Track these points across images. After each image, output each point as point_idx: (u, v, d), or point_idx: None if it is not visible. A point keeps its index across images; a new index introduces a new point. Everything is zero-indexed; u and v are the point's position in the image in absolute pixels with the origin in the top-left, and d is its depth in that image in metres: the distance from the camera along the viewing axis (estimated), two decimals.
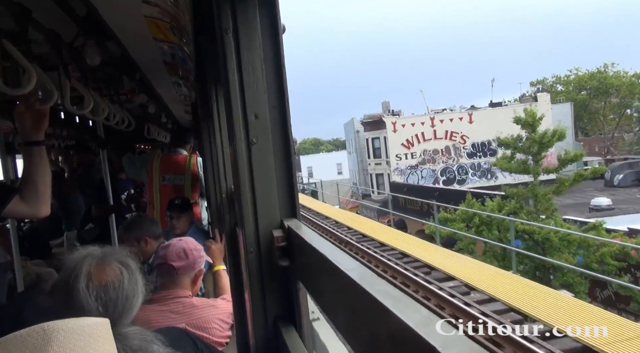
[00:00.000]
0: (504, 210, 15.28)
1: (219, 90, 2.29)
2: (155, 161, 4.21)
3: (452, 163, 34.30)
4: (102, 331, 0.77)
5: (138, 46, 2.84)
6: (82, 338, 0.71)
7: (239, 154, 1.21)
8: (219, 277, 2.68)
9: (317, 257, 0.92)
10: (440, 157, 34.21)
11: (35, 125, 1.67)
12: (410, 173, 33.74)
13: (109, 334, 0.78)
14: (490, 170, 32.99)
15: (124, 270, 1.33)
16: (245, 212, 1.22)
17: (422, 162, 34.06)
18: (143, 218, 3.18)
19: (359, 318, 0.73)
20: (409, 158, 34.05)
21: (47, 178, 1.69)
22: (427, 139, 34.15)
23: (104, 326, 0.78)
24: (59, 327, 0.71)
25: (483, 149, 34.33)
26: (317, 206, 21.30)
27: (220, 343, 2.14)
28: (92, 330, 0.75)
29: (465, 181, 33.93)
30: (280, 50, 1.20)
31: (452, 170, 34.30)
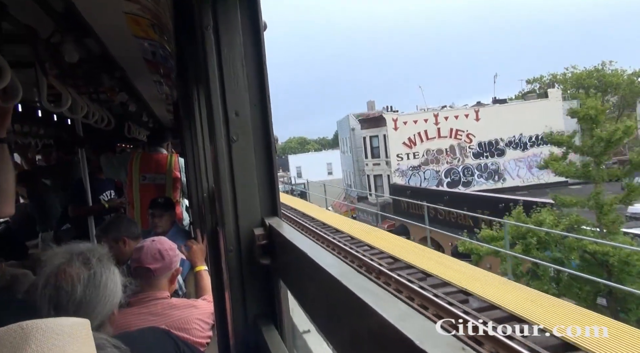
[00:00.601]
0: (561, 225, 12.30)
1: (200, 88, 2.27)
2: (135, 160, 4.15)
3: (457, 163, 31.72)
4: (82, 331, 0.76)
5: (118, 43, 2.80)
6: (61, 338, 0.70)
7: (219, 151, 1.20)
8: (200, 278, 2.66)
9: (297, 254, 0.92)
10: (445, 157, 31.67)
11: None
12: (412, 174, 31.28)
13: (88, 335, 0.77)
14: (497, 172, 31.62)
15: (84, 274, 1.30)
16: (226, 210, 1.21)
17: (425, 163, 31.55)
18: (121, 219, 3.13)
19: (339, 315, 0.73)
20: (411, 158, 31.47)
21: (9, 176, 1.64)
22: (431, 138, 31.47)
23: (84, 326, 0.77)
24: (37, 326, 0.70)
25: (490, 148, 31.96)
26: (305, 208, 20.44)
27: (201, 343, 2.12)
28: (72, 329, 0.74)
29: (471, 183, 31.56)
30: (261, 47, 1.20)
31: (457, 171, 31.78)
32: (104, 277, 1.35)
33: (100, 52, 2.89)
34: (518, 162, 31.60)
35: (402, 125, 31.32)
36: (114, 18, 2.27)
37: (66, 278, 1.29)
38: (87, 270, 1.33)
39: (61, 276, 1.30)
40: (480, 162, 31.88)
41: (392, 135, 31.31)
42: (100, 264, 1.37)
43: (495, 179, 31.67)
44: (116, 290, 1.39)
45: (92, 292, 1.30)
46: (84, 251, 1.39)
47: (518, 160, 31.58)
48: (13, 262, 3.79)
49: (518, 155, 31.63)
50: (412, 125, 31.40)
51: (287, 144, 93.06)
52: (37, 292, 1.29)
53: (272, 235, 1.14)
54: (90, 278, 1.32)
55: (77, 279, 1.30)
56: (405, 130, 31.35)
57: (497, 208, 16.56)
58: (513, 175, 31.64)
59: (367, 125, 33.65)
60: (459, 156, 31.72)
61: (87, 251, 1.39)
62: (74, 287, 1.28)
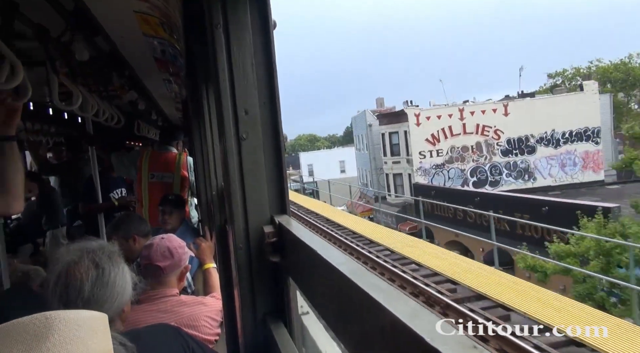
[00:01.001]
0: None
1: (210, 86, 2.28)
2: (144, 158, 4.18)
3: (484, 162, 29.04)
4: (101, 325, 0.78)
5: (128, 42, 2.82)
6: (82, 330, 0.73)
7: (229, 150, 1.20)
8: (209, 275, 2.67)
9: (307, 252, 0.92)
10: (471, 154, 28.96)
11: (7, 121, 1.62)
12: (435, 173, 28.60)
13: (106, 328, 0.80)
14: (527, 170, 28.93)
15: (92, 272, 1.32)
16: (235, 208, 1.21)
17: (449, 161, 28.84)
18: (131, 217, 3.15)
19: (349, 313, 0.73)
20: (434, 156, 28.72)
21: (19, 174, 1.65)
22: (456, 134, 28.74)
23: (102, 320, 0.80)
24: (61, 317, 0.72)
25: (520, 145, 29.22)
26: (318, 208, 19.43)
27: (210, 340, 2.13)
28: (92, 322, 0.76)
29: (498, 183, 28.92)
30: (271, 46, 1.20)
31: (483, 170, 29.08)
32: (112, 274, 1.36)
33: (110, 51, 2.92)
34: (550, 160, 29.04)
35: (424, 121, 28.67)
36: (123, 17, 2.29)
37: (75, 276, 1.31)
38: (96, 268, 1.34)
39: (71, 273, 1.32)
40: (508, 160, 29.21)
41: (415, 131, 28.67)
42: (109, 262, 1.38)
43: (525, 178, 29.02)
44: (125, 288, 1.40)
45: (101, 290, 1.32)
46: (95, 249, 1.40)
47: (550, 158, 29.03)
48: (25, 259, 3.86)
49: (550, 152, 29.10)
50: (436, 120, 28.72)
51: (296, 141, 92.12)
52: (48, 289, 1.31)
53: (281, 233, 1.14)
54: (99, 276, 1.33)
55: (86, 277, 1.31)
56: (429, 126, 28.69)
57: (539, 213, 14.84)
58: (544, 174, 29.12)
59: (387, 121, 31.20)
60: (486, 154, 29.19)
61: (98, 249, 1.41)
62: (83, 284, 1.30)
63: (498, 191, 25.81)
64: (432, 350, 0.45)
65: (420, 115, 28.82)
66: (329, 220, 16.36)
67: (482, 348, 0.43)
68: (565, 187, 27.61)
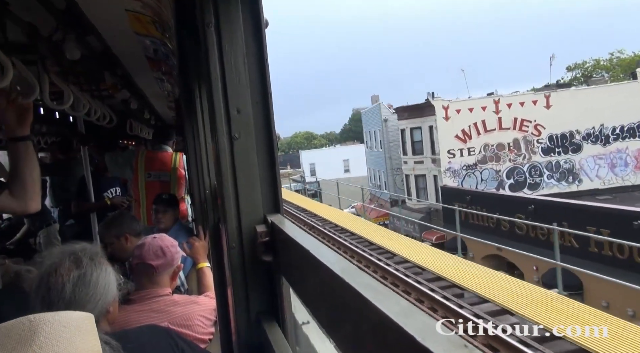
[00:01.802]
0: None
1: (202, 85, 2.28)
2: (140, 158, 4.16)
3: (522, 161, 24.91)
4: (88, 325, 0.78)
5: (119, 40, 2.80)
6: (69, 331, 0.72)
7: (221, 149, 1.20)
8: (203, 275, 2.66)
9: (300, 251, 0.92)
10: (507, 153, 24.78)
11: (20, 121, 1.65)
12: (466, 174, 24.47)
13: (93, 328, 0.79)
14: (572, 171, 24.86)
15: (74, 274, 1.32)
16: (228, 207, 1.21)
17: (482, 160, 24.68)
18: (124, 216, 3.14)
19: (341, 311, 0.73)
20: (465, 154, 24.49)
21: (35, 173, 1.67)
22: (490, 130, 24.59)
23: (89, 320, 0.80)
24: (45, 319, 0.72)
25: (564, 142, 24.85)
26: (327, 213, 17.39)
27: (203, 340, 2.12)
28: (78, 323, 0.76)
29: (539, 185, 24.83)
30: (263, 44, 1.20)
31: (521, 171, 24.86)
32: (94, 275, 1.37)
33: (101, 50, 2.90)
34: (598, 159, 24.88)
35: (454, 114, 24.37)
36: (115, 15, 2.27)
37: (57, 278, 1.32)
38: (77, 270, 1.35)
39: (52, 275, 1.32)
40: (550, 159, 24.88)
41: (443, 126, 24.38)
42: (91, 263, 1.38)
43: (569, 181, 24.98)
44: (109, 288, 1.40)
45: (82, 291, 1.32)
46: (76, 250, 1.40)
47: (598, 157, 24.88)
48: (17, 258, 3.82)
49: (598, 150, 24.87)
50: (467, 114, 24.39)
51: (293, 139, 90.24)
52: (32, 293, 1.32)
53: (274, 233, 1.14)
54: (80, 278, 1.34)
55: (67, 278, 1.32)
56: (459, 120, 24.36)
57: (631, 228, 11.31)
58: (591, 176, 25.00)
59: (407, 115, 26.87)
60: (525, 152, 24.91)
61: (80, 251, 1.41)
62: (64, 286, 1.31)
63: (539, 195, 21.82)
64: (423, 348, 0.45)
65: (449, 108, 24.36)
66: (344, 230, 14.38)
67: (472, 347, 0.43)
68: (616, 191, 23.82)
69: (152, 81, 4.18)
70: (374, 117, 33.77)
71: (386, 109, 31.73)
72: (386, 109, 31.71)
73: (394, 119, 29.51)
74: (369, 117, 35.51)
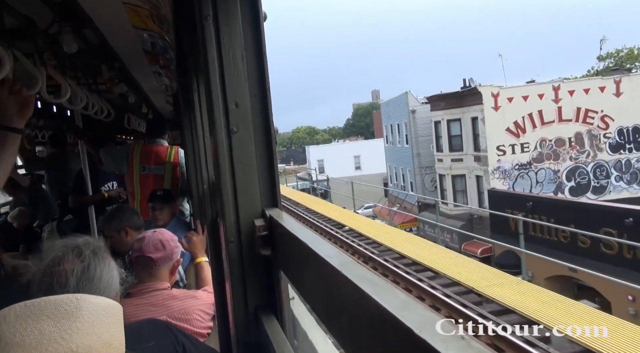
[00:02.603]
0: None
1: (200, 79, 2.27)
2: (135, 151, 4.15)
3: (586, 159, 20.98)
4: (120, 315, 0.82)
5: (117, 34, 2.78)
6: (107, 316, 0.77)
7: (219, 143, 1.20)
8: (201, 269, 2.67)
9: (298, 245, 0.92)
10: (568, 150, 20.92)
11: (20, 112, 1.64)
12: (519, 175, 20.64)
13: (121, 320, 0.83)
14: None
15: (77, 267, 1.32)
16: (226, 201, 1.21)
17: (538, 159, 20.89)
18: (124, 209, 3.13)
19: (338, 305, 0.73)
20: (518, 151, 20.72)
21: (9, 167, 1.67)
22: (547, 122, 20.65)
23: (120, 310, 0.84)
24: (90, 300, 0.77)
25: (636, 137, 21.02)
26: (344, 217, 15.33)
27: (202, 334, 2.13)
28: (114, 310, 0.81)
29: (605, 189, 20.91)
30: (261, 38, 1.19)
31: (584, 172, 20.92)
32: (98, 269, 1.36)
33: (99, 43, 2.88)
34: None
35: (505, 104, 20.51)
36: (112, 8, 2.26)
37: (60, 272, 1.31)
38: (80, 263, 1.34)
39: (56, 269, 1.32)
40: (620, 157, 20.98)
41: (492, 117, 20.42)
42: (95, 257, 1.38)
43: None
44: (112, 283, 1.40)
45: (86, 285, 1.32)
46: (79, 244, 1.40)
47: None
48: (14, 253, 3.82)
49: None
50: (521, 103, 20.56)
51: (294, 134, 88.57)
52: (34, 285, 1.31)
53: (272, 226, 1.14)
54: (84, 272, 1.33)
55: (71, 272, 1.32)
56: (511, 111, 20.54)
57: None
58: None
59: (444, 104, 22.95)
60: (589, 149, 21.01)
61: (83, 244, 1.40)
62: (67, 280, 1.30)
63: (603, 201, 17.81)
64: (420, 341, 0.45)
65: (499, 96, 20.47)
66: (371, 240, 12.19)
67: (469, 339, 0.44)
68: None
69: (150, 75, 4.16)
70: (398, 108, 29.07)
71: (414, 98, 27.07)
72: (414, 99, 27.06)
73: (424, 110, 25.33)
74: (392, 108, 30.73)
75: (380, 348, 0.58)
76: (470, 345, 0.43)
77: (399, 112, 29.15)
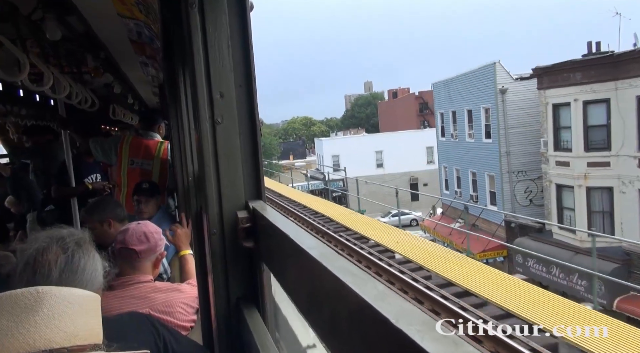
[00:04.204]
0: None
1: (186, 70, 2.24)
2: (125, 143, 4.10)
3: None
4: (92, 304, 0.80)
5: (102, 22, 2.74)
6: (72, 307, 0.75)
7: (203, 133, 1.18)
8: (185, 262, 2.65)
9: (280, 237, 0.92)
10: None
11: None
12: None
13: (97, 310, 0.81)
14: None
15: (61, 259, 1.30)
16: (210, 193, 1.20)
17: None
18: (107, 201, 3.09)
19: (319, 296, 0.73)
20: None
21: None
22: None
23: (94, 300, 0.82)
24: (52, 292, 0.75)
25: None
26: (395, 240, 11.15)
27: (185, 327, 2.12)
28: (83, 300, 0.78)
29: None
30: (247, 28, 1.18)
31: None
32: (82, 261, 1.35)
33: (84, 31, 2.83)
34: None
35: None
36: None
37: (43, 263, 1.29)
38: (64, 255, 1.32)
39: (39, 260, 1.29)
40: None
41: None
42: (79, 249, 1.36)
43: None
44: (96, 275, 1.38)
45: (69, 277, 1.30)
46: (64, 235, 1.38)
47: None
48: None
49: None
50: None
51: (289, 125, 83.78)
52: (15, 277, 1.29)
53: (255, 218, 1.14)
54: (68, 263, 1.31)
55: (54, 263, 1.30)
56: None
57: None
58: None
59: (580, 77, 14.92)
60: None
61: (67, 235, 1.38)
62: (50, 271, 1.28)
63: None
64: (397, 330, 0.45)
65: None
66: None
67: (445, 328, 0.44)
68: None
69: (136, 65, 4.10)
70: (472, 87, 20.59)
71: (504, 73, 18.81)
72: (504, 74, 18.79)
73: (522, 89, 18.17)
74: (458, 88, 22.01)
75: (358, 339, 0.58)
76: (446, 336, 0.43)
77: (473, 93, 20.53)
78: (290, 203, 18.10)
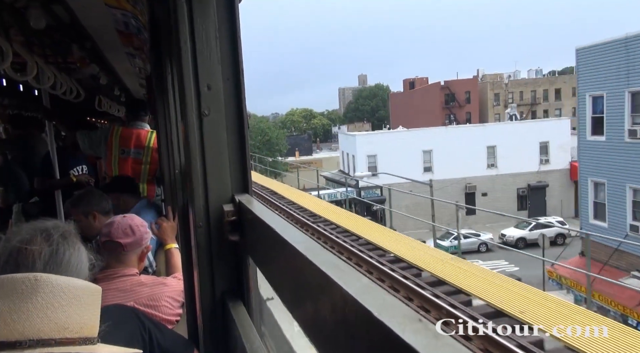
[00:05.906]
0: None
1: (173, 61, 2.22)
2: (115, 135, 4.05)
3: None
4: (90, 298, 0.79)
5: (89, 12, 2.69)
6: (66, 298, 0.74)
7: (190, 126, 1.17)
8: (171, 255, 2.63)
9: (266, 230, 0.91)
10: None
11: None
12: None
13: (95, 303, 0.81)
14: None
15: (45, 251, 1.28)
16: (196, 185, 1.19)
17: None
18: (93, 193, 3.05)
19: (303, 289, 0.73)
20: None
21: None
22: None
23: (93, 293, 0.81)
24: (50, 281, 0.75)
25: None
26: None
27: (171, 321, 2.11)
28: (80, 292, 0.78)
29: None
30: (236, 20, 1.17)
31: None
32: (67, 254, 1.33)
33: (69, 21, 2.78)
34: None
35: None
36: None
37: (27, 255, 1.27)
38: (48, 247, 1.30)
39: (22, 252, 1.27)
40: None
41: None
42: (64, 241, 1.34)
43: None
44: (81, 268, 1.36)
45: (53, 269, 1.28)
46: (48, 227, 1.35)
47: None
48: None
49: None
50: None
51: (288, 117, 79.68)
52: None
53: (241, 212, 1.13)
54: (52, 255, 1.29)
55: (38, 256, 1.28)
56: None
57: None
58: None
59: None
60: None
61: (52, 227, 1.36)
62: (34, 264, 1.26)
63: None
64: (379, 323, 0.46)
65: None
66: None
67: (427, 321, 0.44)
68: None
69: (123, 57, 4.05)
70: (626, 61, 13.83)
71: None
72: None
73: None
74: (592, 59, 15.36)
75: (342, 332, 0.58)
76: (427, 328, 0.43)
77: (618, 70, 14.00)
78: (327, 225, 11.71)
